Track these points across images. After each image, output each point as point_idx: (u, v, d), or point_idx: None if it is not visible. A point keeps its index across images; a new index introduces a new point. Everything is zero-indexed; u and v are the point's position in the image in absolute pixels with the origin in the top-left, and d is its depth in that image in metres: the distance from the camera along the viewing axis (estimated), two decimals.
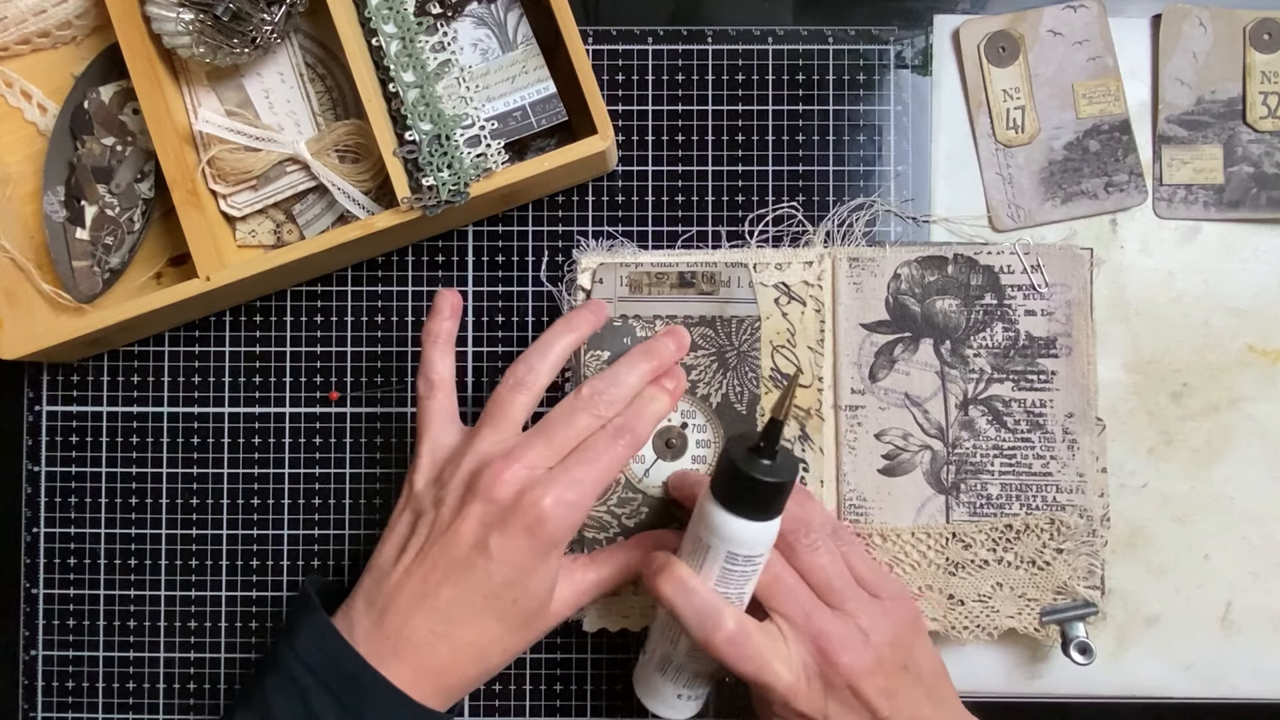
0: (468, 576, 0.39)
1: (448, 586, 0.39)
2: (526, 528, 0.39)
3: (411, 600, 0.40)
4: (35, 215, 0.50)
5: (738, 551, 0.39)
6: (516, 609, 0.40)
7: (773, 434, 0.38)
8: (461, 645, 0.40)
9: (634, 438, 0.42)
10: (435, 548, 0.40)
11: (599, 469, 0.40)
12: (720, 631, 0.38)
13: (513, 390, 0.42)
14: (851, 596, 0.41)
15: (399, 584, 0.40)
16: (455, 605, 0.39)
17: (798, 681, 0.39)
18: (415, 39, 0.47)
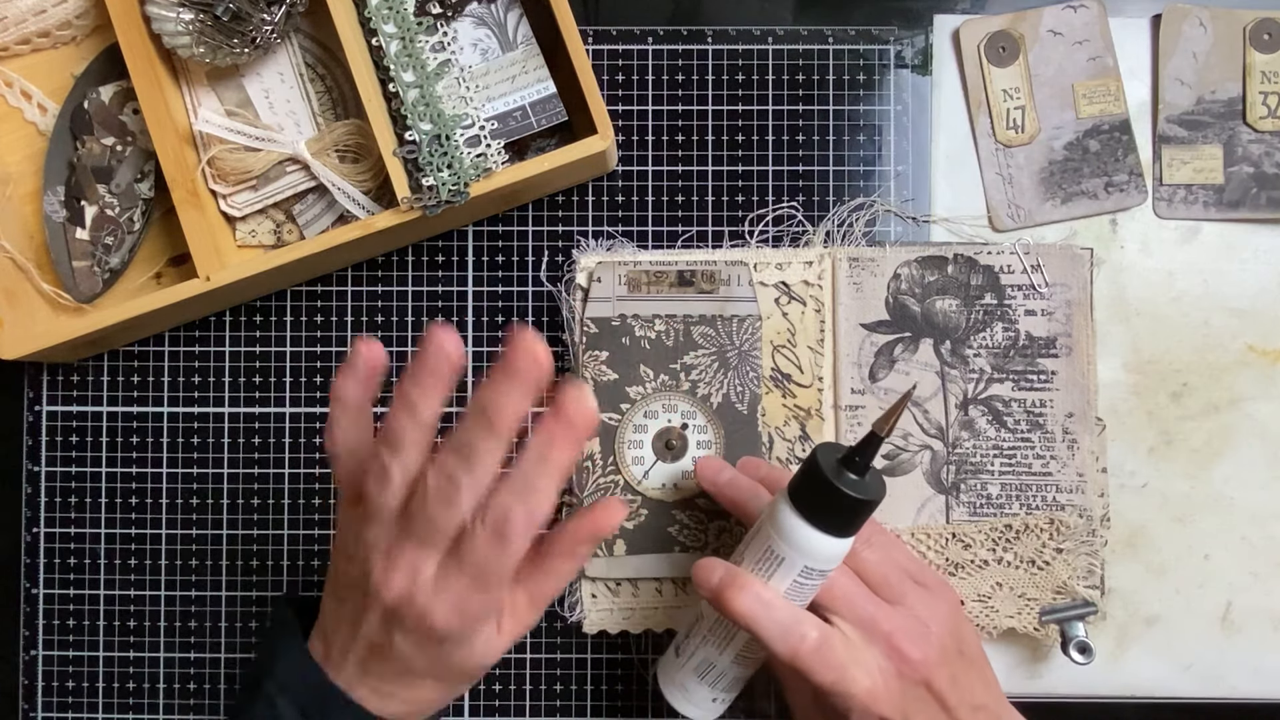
0: (387, 663, 0.37)
1: (374, 663, 0.37)
2: (426, 634, 0.36)
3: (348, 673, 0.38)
4: (35, 215, 0.50)
5: (814, 566, 0.37)
6: (446, 681, 0.39)
7: (870, 449, 0.36)
8: (405, 703, 0.38)
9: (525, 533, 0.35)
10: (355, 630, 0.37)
11: (490, 578, 0.35)
12: (805, 642, 0.37)
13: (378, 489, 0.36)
14: (909, 591, 0.40)
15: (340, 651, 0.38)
16: (386, 681, 0.38)
17: (876, 685, 0.38)
18: (415, 39, 0.47)
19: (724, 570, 0.39)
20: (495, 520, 0.35)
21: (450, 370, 0.35)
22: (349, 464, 0.38)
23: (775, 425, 0.49)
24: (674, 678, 0.43)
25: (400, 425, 0.36)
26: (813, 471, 0.37)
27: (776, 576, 0.38)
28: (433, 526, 0.35)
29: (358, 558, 0.37)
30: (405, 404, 0.36)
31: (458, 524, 0.35)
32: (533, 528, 0.35)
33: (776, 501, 0.38)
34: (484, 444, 0.34)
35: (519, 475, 0.35)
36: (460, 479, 0.35)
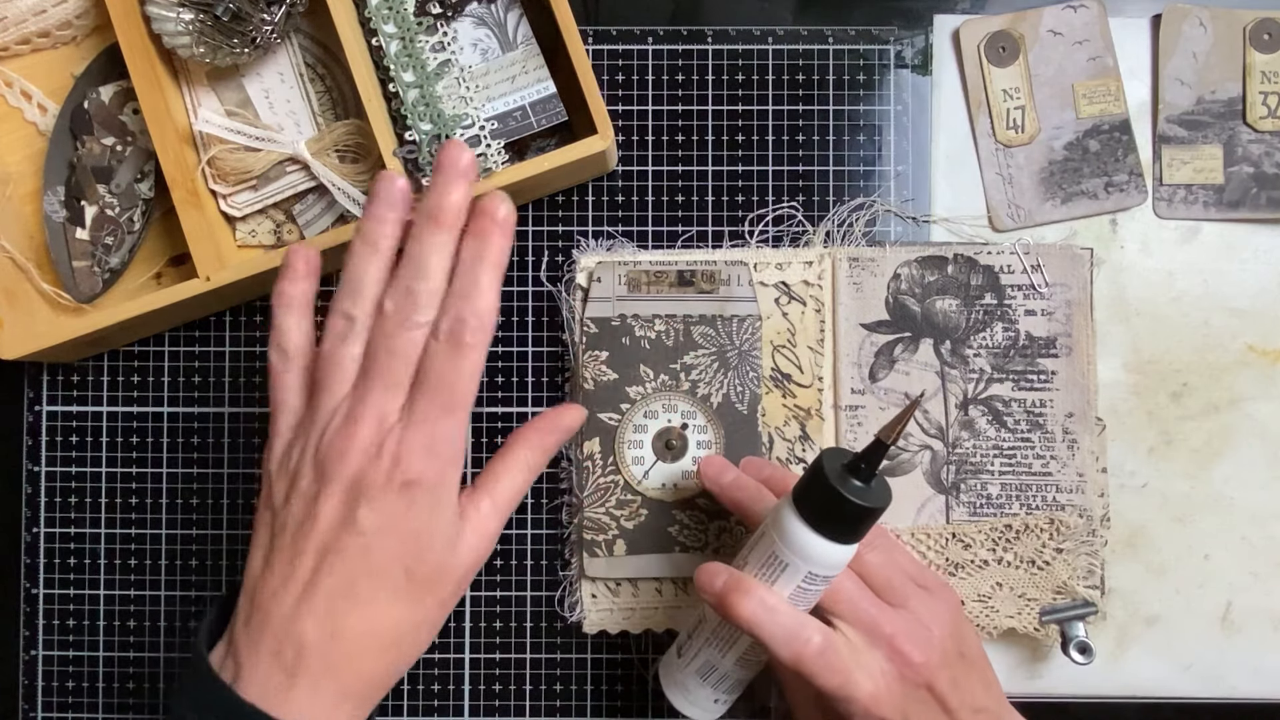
0: (342, 561, 0.35)
1: (324, 575, 0.35)
2: (397, 490, 0.35)
3: (288, 605, 0.36)
4: (35, 215, 0.50)
5: (818, 572, 0.37)
6: (412, 579, 0.36)
7: (876, 456, 0.36)
8: (358, 639, 0.36)
9: (477, 333, 0.36)
10: (301, 540, 0.36)
11: (455, 395, 0.36)
12: (809, 647, 0.37)
13: (338, 344, 0.37)
14: (911, 593, 0.40)
15: (272, 591, 0.36)
16: (337, 597, 0.35)
17: (878, 689, 0.38)
18: (415, 39, 0.47)
19: (728, 575, 0.38)
20: (448, 329, 0.36)
21: (403, 199, 0.38)
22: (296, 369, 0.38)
23: (775, 425, 0.49)
24: (676, 678, 0.43)
25: (360, 267, 0.37)
26: (818, 478, 0.37)
27: (780, 581, 0.38)
28: (395, 356, 0.36)
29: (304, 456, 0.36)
30: (364, 240, 0.37)
31: (419, 347, 0.36)
32: (485, 330, 0.36)
33: (781, 507, 0.38)
34: (431, 243, 0.36)
35: (459, 281, 0.36)
36: (417, 289, 0.36)
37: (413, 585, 0.37)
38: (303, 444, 0.37)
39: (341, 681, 0.36)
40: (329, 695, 0.36)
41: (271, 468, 0.38)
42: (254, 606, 0.36)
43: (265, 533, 0.38)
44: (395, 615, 0.37)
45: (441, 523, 0.37)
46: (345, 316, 0.37)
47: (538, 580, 0.51)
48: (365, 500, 0.35)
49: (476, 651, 0.50)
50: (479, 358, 0.36)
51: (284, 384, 0.39)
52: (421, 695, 0.50)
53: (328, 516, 0.36)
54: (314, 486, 0.36)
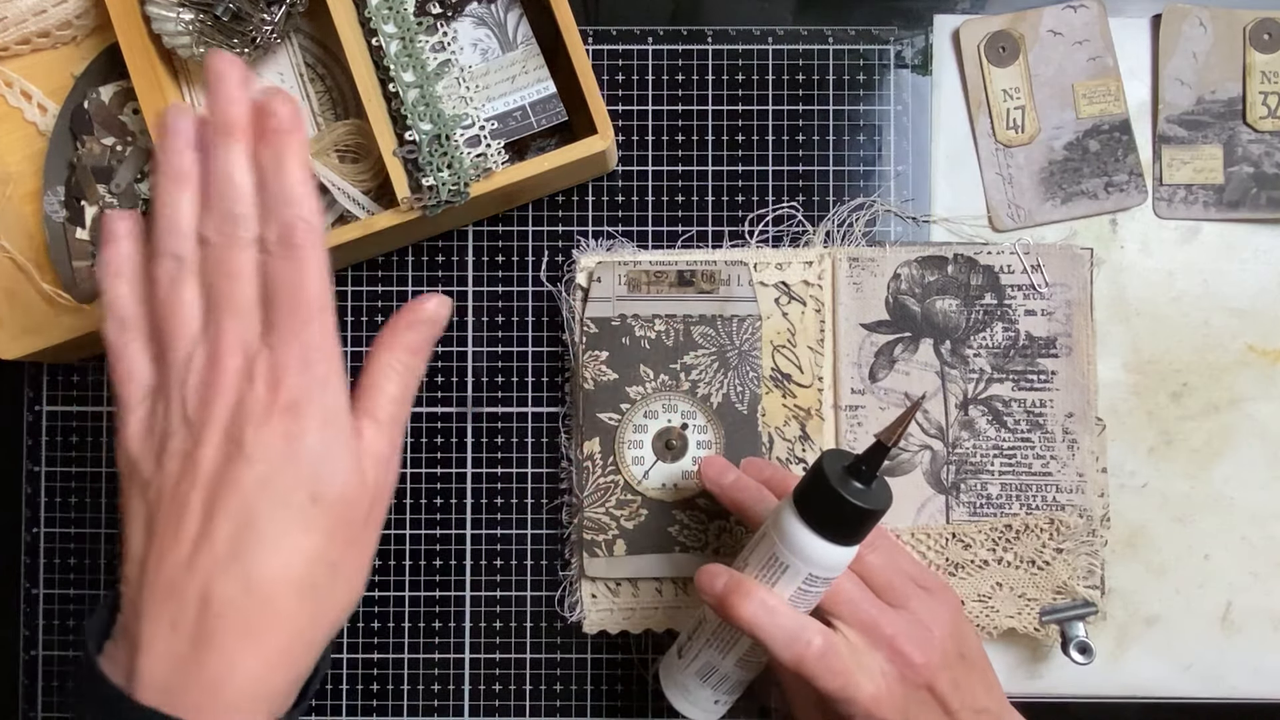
0: (238, 498, 0.32)
1: (218, 524, 0.31)
2: (283, 410, 0.32)
3: (182, 564, 0.31)
4: (35, 215, 0.50)
5: (818, 574, 0.37)
6: (321, 506, 0.33)
7: (876, 459, 0.36)
8: (272, 585, 0.32)
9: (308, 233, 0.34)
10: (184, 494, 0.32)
11: (309, 300, 0.33)
12: (810, 649, 0.37)
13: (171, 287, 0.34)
14: (912, 594, 0.40)
15: (159, 560, 0.32)
16: (239, 543, 0.32)
17: (879, 690, 0.37)
18: (415, 39, 0.47)
19: (728, 577, 0.38)
20: (276, 239, 0.34)
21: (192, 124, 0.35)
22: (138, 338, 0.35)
23: (775, 425, 0.49)
24: (676, 679, 0.43)
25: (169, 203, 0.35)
26: (818, 480, 0.37)
27: (781, 583, 0.38)
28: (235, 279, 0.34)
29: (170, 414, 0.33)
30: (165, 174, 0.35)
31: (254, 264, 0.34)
32: (313, 227, 0.34)
33: (781, 509, 0.38)
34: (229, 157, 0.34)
35: (269, 191, 0.34)
36: (233, 208, 0.34)
37: (322, 514, 0.33)
38: (164, 406, 0.34)
39: (261, 643, 0.32)
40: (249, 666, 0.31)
41: (131, 447, 0.34)
42: (140, 585, 0.32)
43: (139, 507, 0.33)
44: (308, 551, 0.33)
45: (338, 438, 0.34)
46: (172, 257, 0.34)
47: (538, 580, 0.51)
48: (251, 428, 0.32)
49: (476, 651, 0.50)
50: (319, 256, 0.34)
51: (128, 355, 0.35)
52: (421, 695, 0.50)
53: (211, 458, 0.32)
54: (189, 440, 0.33)
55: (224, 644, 0.31)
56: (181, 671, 0.31)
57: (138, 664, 0.31)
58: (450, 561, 0.50)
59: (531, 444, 0.51)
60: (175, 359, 0.34)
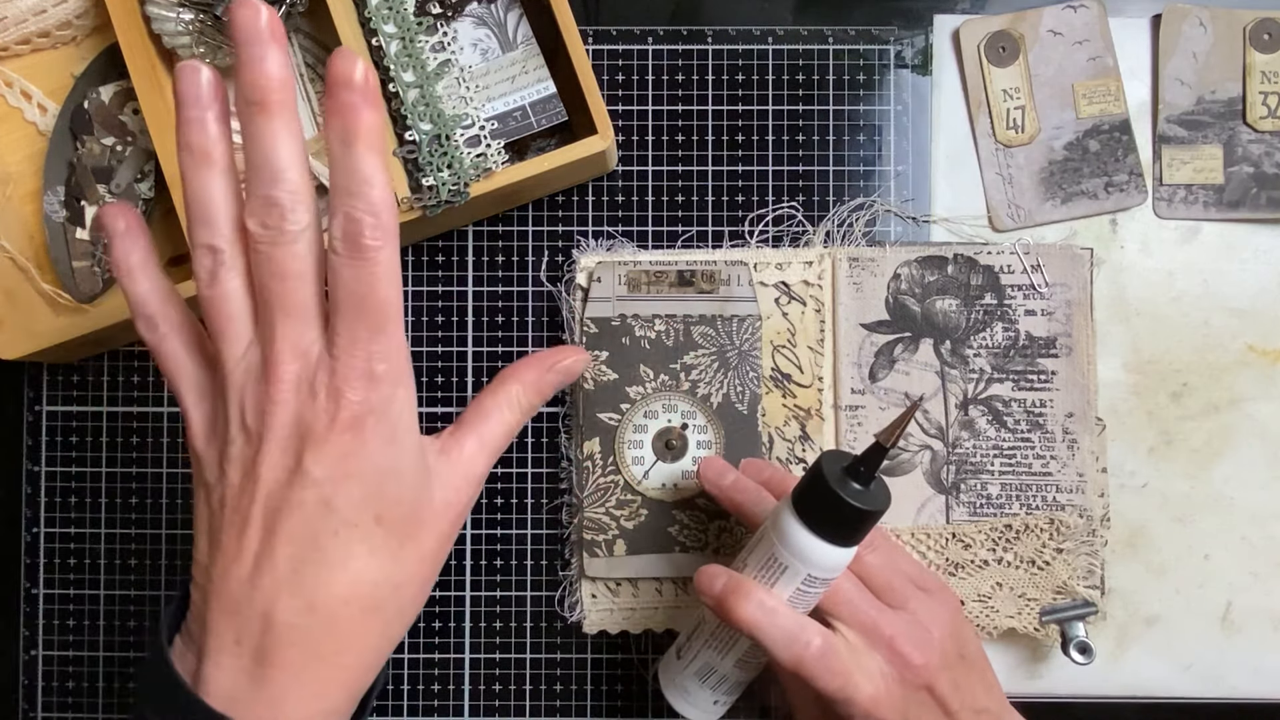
0: (300, 518, 0.31)
1: (280, 544, 0.31)
2: (345, 428, 0.31)
3: (244, 585, 0.31)
4: (35, 215, 0.50)
5: (817, 574, 0.37)
6: (387, 527, 0.32)
7: (875, 460, 0.36)
8: (336, 608, 0.31)
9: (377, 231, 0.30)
10: (245, 507, 0.31)
11: (377, 308, 0.31)
12: (809, 650, 0.36)
13: (211, 284, 0.32)
14: (911, 595, 0.40)
15: (224, 574, 0.31)
16: (302, 563, 0.31)
17: (879, 691, 0.37)
18: (415, 39, 0.47)
19: (727, 578, 0.38)
20: (341, 236, 0.30)
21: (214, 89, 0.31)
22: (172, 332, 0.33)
23: (775, 425, 0.49)
24: (675, 680, 0.43)
25: (199, 187, 0.31)
26: (817, 481, 0.36)
27: (780, 584, 0.38)
28: (285, 279, 0.30)
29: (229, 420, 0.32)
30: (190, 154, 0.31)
31: (307, 260, 0.31)
32: (384, 225, 0.30)
33: (780, 510, 0.38)
34: (267, 133, 0.30)
35: (336, 178, 0.30)
36: (277, 196, 0.30)
37: (387, 533, 0.32)
38: (223, 406, 0.32)
39: (324, 662, 0.32)
40: (312, 682, 0.31)
41: (197, 444, 0.33)
42: (206, 596, 0.32)
43: (204, 513, 0.33)
44: (373, 573, 0.32)
45: (405, 455, 0.32)
46: (208, 250, 0.31)
47: (538, 580, 0.51)
48: (311, 447, 0.31)
49: (476, 651, 0.50)
50: (390, 257, 0.31)
51: (167, 352, 0.33)
52: (421, 695, 0.50)
53: (270, 474, 0.31)
54: (248, 449, 0.31)
55: (286, 663, 0.31)
56: (245, 685, 0.31)
57: (204, 671, 0.31)
58: (450, 561, 0.50)
59: (531, 444, 0.51)
60: (228, 361, 0.32)
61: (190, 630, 0.33)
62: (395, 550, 0.32)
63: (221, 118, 0.32)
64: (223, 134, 0.32)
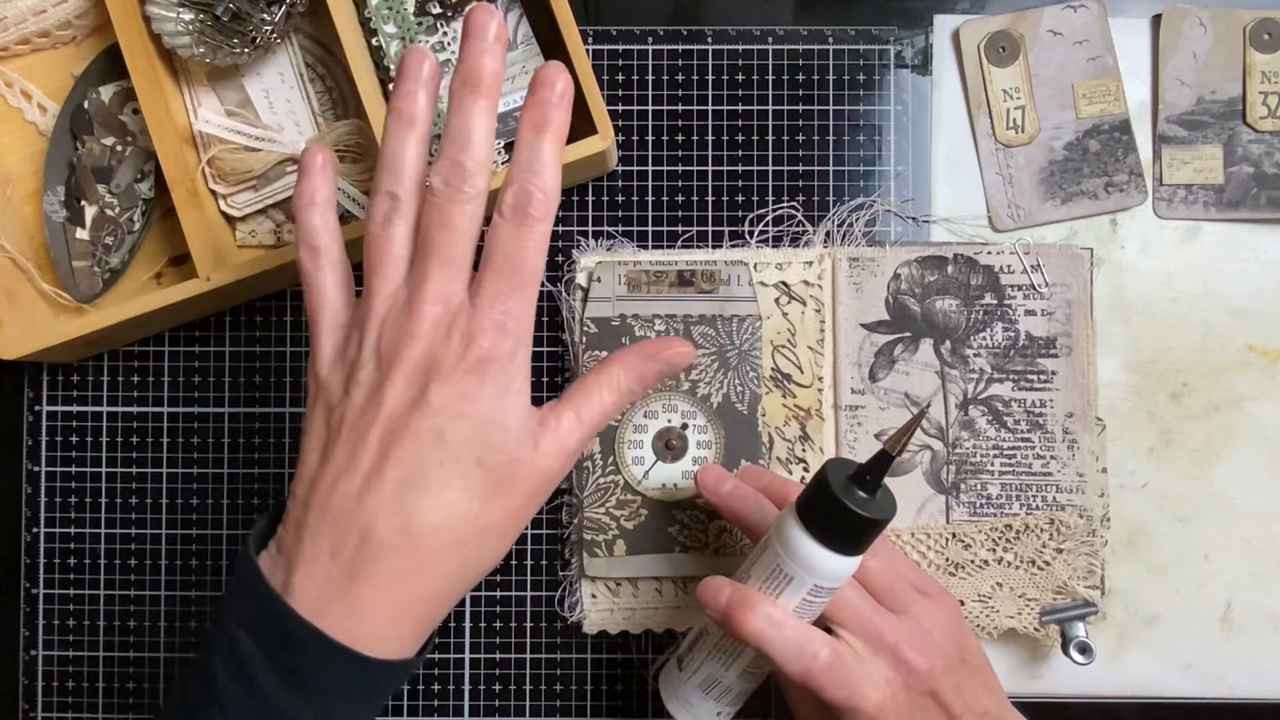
0: (413, 445, 0.33)
1: (390, 466, 0.33)
2: (469, 369, 0.34)
3: (350, 499, 0.33)
4: (35, 215, 0.50)
5: (823, 584, 0.37)
6: (485, 470, 0.34)
7: (881, 468, 0.36)
8: (428, 534, 0.34)
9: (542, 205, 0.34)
10: (364, 428, 0.34)
11: (524, 271, 0.34)
12: (817, 662, 0.36)
13: (384, 225, 0.36)
14: (913, 599, 0.40)
15: (331, 487, 0.34)
16: (406, 487, 0.33)
17: (884, 698, 0.37)
18: (415, 39, 0.47)
19: (732, 590, 0.38)
20: (512, 203, 0.34)
21: (433, 75, 0.36)
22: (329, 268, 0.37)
23: (775, 425, 0.49)
24: (677, 692, 0.43)
25: (397, 144, 0.36)
26: (822, 490, 0.36)
27: (785, 595, 0.37)
28: (452, 230, 0.34)
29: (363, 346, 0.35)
30: (397, 117, 0.36)
31: (474, 221, 0.35)
32: (550, 202, 0.35)
33: (784, 520, 0.37)
34: (473, 111, 0.35)
35: (521, 155, 0.35)
36: (464, 160, 0.34)
37: (486, 477, 0.34)
38: (359, 336, 0.35)
39: (407, 587, 0.34)
40: (392, 604, 0.34)
41: (321, 369, 0.36)
42: (308, 505, 0.34)
43: (320, 428, 0.35)
44: (464, 509, 0.34)
45: (513, 411, 0.35)
46: (389, 195, 0.36)
47: (538, 580, 0.51)
48: (436, 380, 0.34)
49: (476, 651, 0.50)
50: (545, 231, 0.35)
51: (319, 282, 0.37)
52: (421, 695, 0.50)
53: (395, 400, 0.34)
54: (377, 375, 0.34)
55: (374, 579, 0.33)
56: (331, 597, 0.33)
57: (293, 579, 0.33)
58: None
59: None
60: (377, 292, 0.35)
61: (283, 541, 0.35)
62: (487, 495, 0.35)
63: (430, 95, 0.37)
64: (428, 107, 0.36)
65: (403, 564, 0.34)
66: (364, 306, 0.36)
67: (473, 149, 0.35)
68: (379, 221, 0.36)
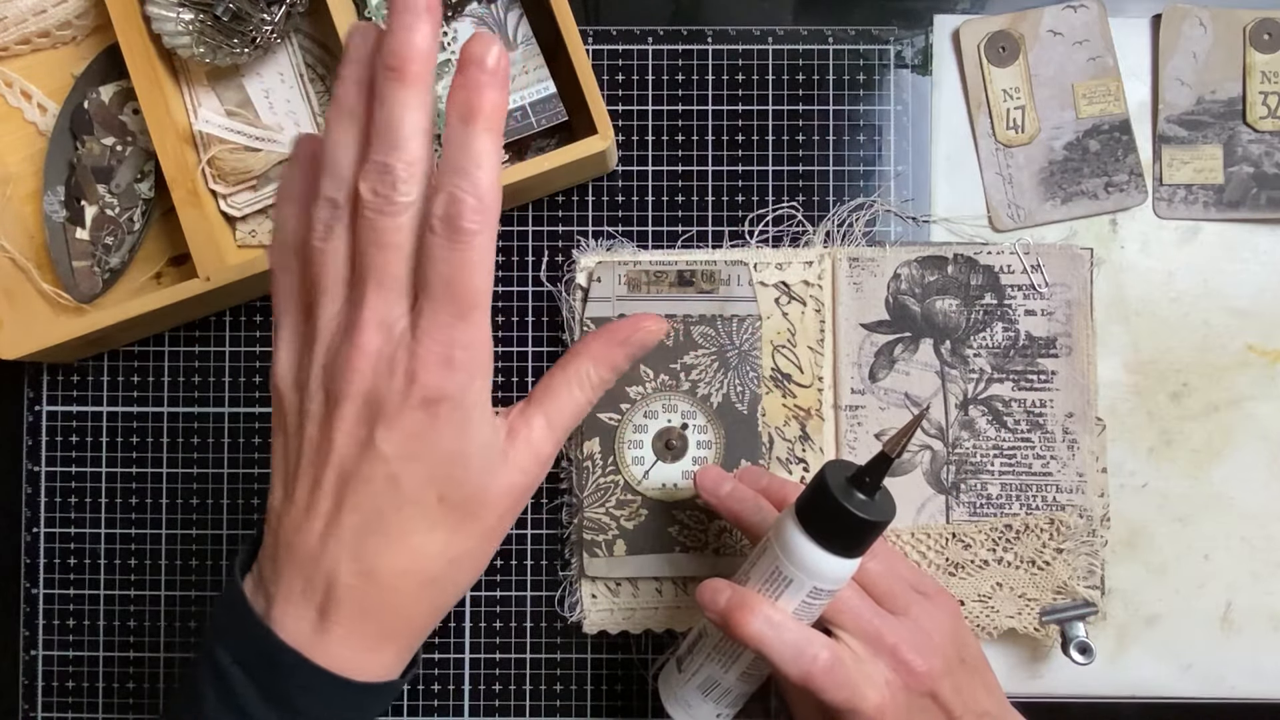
0: (367, 491, 0.32)
1: (347, 511, 0.32)
2: (416, 408, 0.31)
3: (313, 544, 0.32)
4: (35, 215, 0.50)
5: (823, 586, 0.37)
6: (448, 506, 0.33)
7: (880, 470, 0.36)
8: (393, 578, 0.33)
9: (477, 214, 0.30)
10: (318, 467, 0.32)
11: (464, 294, 0.31)
12: (817, 664, 0.36)
13: (325, 237, 0.32)
14: (912, 601, 0.40)
15: (295, 527, 0.33)
16: (366, 534, 0.32)
17: (883, 700, 0.37)
18: None
19: (731, 592, 0.38)
20: (442, 214, 0.30)
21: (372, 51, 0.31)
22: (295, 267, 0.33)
23: (775, 425, 0.49)
24: (676, 693, 0.43)
25: (335, 140, 0.31)
26: (821, 492, 0.36)
27: (784, 597, 0.37)
28: (384, 249, 0.30)
29: (311, 372, 0.32)
30: (336, 105, 0.31)
31: (408, 233, 0.31)
32: (487, 209, 0.30)
33: (784, 521, 0.37)
34: (397, 101, 0.30)
35: (448, 151, 0.30)
36: (392, 163, 0.30)
37: (449, 513, 0.33)
38: (308, 358, 0.33)
39: (380, 623, 0.33)
40: (367, 638, 0.33)
41: (281, 384, 0.34)
42: (278, 541, 0.33)
43: (280, 460, 0.34)
44: (432, 549, 0.33)
45: (476, 442, 0.33)
46: (328, 202, 0.32)
47: (538, 580, 0.51)
48: (383, 422, 0.31)
49: (476, 651, 0.50)
50: (486, 243, 0.31)
51: (282, 284, 0.34)
52: (421, 695, 0.50)
53: (343, 442, 0.32)
54: (324, 410, 0.32)
55: (345, 619, 0.33)
56: (308, 632, 0.33)
57: (273, 611, 0.33)
58: None
59: None
60: (320, 313, 0.32)
61: (262, 571, 0.34)
62: (455, 527, 0.33)
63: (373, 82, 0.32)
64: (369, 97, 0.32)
65: (371, 604, 0.33)
66: (311, 326, 0.33)
67: (402, 148, 0.30)
68: (319, 234, 0.32)
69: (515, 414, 0.35)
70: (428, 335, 0.31)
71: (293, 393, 0.33)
